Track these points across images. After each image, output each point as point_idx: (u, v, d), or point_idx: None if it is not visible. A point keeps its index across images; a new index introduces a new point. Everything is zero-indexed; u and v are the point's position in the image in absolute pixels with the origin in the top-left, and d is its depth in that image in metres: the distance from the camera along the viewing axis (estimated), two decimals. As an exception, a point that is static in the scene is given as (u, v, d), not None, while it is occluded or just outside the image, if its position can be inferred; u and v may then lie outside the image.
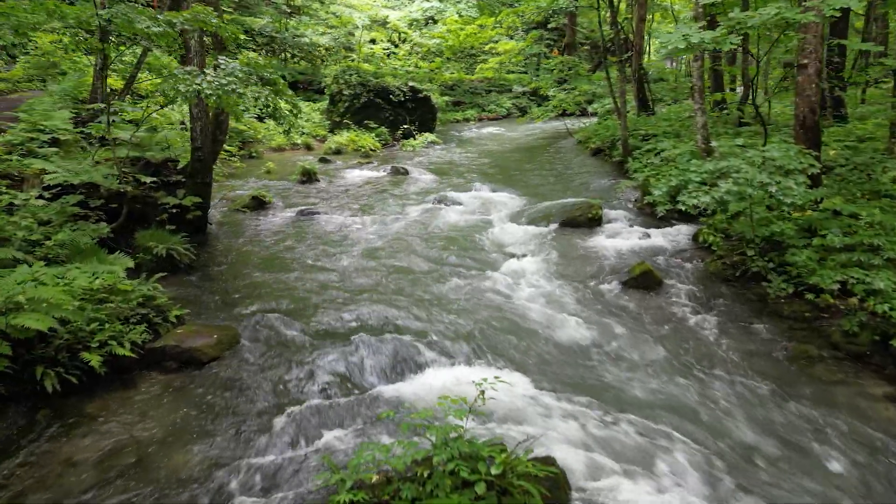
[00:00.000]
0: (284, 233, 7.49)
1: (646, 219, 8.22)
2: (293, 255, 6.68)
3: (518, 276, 6.19)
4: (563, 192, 10.08)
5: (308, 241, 7.14)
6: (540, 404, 3.78)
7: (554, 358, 4.59)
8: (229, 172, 11.17)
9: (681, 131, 11.62)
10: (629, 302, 5.67)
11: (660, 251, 6.96)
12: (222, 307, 5.31)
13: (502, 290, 5.75)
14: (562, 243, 7.28)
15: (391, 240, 7.20)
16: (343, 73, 16.22)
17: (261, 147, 14.10)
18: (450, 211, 8.66)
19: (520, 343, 4.74)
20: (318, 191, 9.96)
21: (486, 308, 5.37)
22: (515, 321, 5.12)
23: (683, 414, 3.86)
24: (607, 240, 7.42)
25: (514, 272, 6.27)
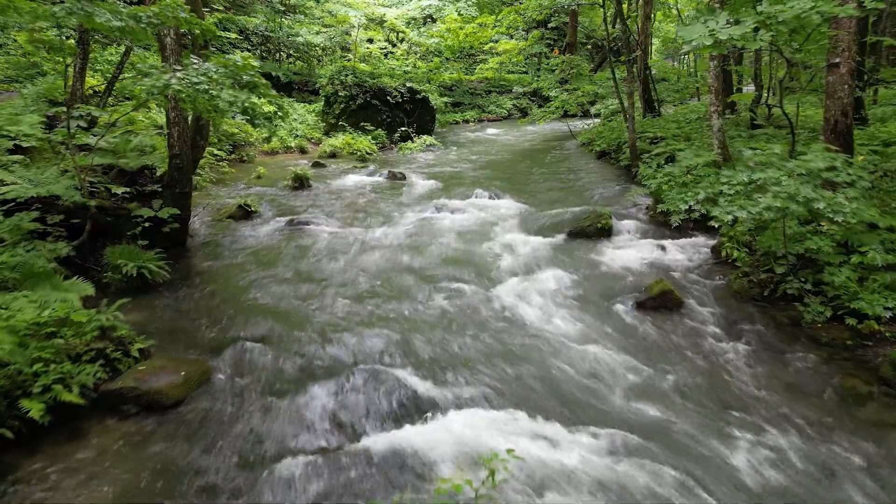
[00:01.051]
0: (271, 246, 6.94)
1: (659, 229, 7.68)
2: (279, 271, 6.13)
3: (524, 296, 5.65)
4: (568, 198, 9.55)
5: (296, 255, 6.59)
6: (556, 462, 3.23)
7: (568, 396, 4.04)
8: (217, 178, 10.62)
9: (691, 135, 11.09)
10: (647, 325, 5.13)
11: (677, 265, 6.43)
12: (196, 334, 4.76)
13: (507, 314, 5.21)
14: (570, 256, 6.74)
15: (386, 254, 6.66)
16: (338, 74, 15.68)
17: (253, 150, 13.56)
18: (449, 220, 8.12)
19: (528, 378, 4.20)
20: (310, 198, 9.42)
21: (490, 335, 4.83)
22: (523, 351, 4.58)
23: (722, 471, 3.31)
24: (619, 252, 6.89)
25: (520, 291, 5.73)
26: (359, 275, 6.00)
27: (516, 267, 6.37)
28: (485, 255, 6.67)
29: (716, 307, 5.41)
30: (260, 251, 6.72)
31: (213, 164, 10.94)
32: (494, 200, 9.44)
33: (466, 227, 7.79)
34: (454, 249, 6.81)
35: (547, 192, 10.11)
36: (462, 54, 25.35)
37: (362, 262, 6.37)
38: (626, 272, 6.25)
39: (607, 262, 6.57)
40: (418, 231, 7.54)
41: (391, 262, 6.39)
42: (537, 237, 7.43)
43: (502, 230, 7.75)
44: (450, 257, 6.52)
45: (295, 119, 16.12)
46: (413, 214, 8.39)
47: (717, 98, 7.84)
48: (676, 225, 7.39)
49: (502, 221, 8.12)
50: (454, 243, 7.05)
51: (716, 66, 7.78)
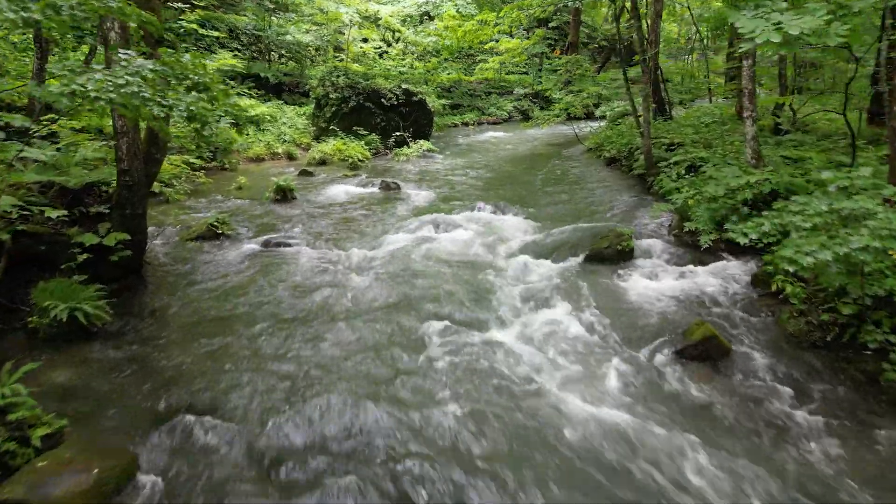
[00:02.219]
0: (243, 274, 5.99)
1: (685, 250, 6.75)
2: (247, 309, 5.18)
3: (535, 341, 4.72)
4: (579, 212, 8.62)
5: (270, 286, 5.64)
6: None
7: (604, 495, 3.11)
8: (193, 189, 9.67)
9: (711, 141, 10.16)
10: (691, 383, 4.19)
11: (713, 298, 5.49)
12: (131, 402, 3.82)
13: (517, 368, 4.26)
14: (588, 286, 5.80)
15: (372, 286, 5.71)
16: (329, 75, 14.74)
17: (236, 157, 12.61)
18: (447, 240, 7.17)
19: (546, 467, 3.26)
20: (292, 213, 8.47)
21: (497, 399, 3.89)
22: (539, 424, 3.64)
23: None
24: (644, 281, 5.95)
25: (530, 333, 4.80)
26: (339, 316, 5.05)
27: (526, 302, 5.43)
28: (489, 287, 5.73)
29: (770, 356, 4.48)
30: (227, 282, 5.77)
31: (189, 175, 9.99)
32: (498, 215, 8.51)
33: (467, 250, 6.85)
34: (452, 278, 5.86)
35: (555, 204, 9.18)
36: (461, 54, 24.43)
37: (344, 298, 5.42)
38: (655, 307, 5.31)
39: (632, 293, 5.63)
40: (411, 254, 6.60)
41: (378, 296, 5.44)
42: (548, 261, 6.49)
43: (508, 252, 6.81)
44: (447, 290, 5.57)
45: (284, 123, 15.18)
46: (406, 233, 7.45)
47: (752, 101, 6.91)
48: (706, 246, 6.51)
49: (508, 241, 7.18)
50: (453, 270, 6.10)
51: (750, 65, 6.85)
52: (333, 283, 5.76)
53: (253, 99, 16.10)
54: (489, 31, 14.39)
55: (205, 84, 3.89)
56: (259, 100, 16.53)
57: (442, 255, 6.59)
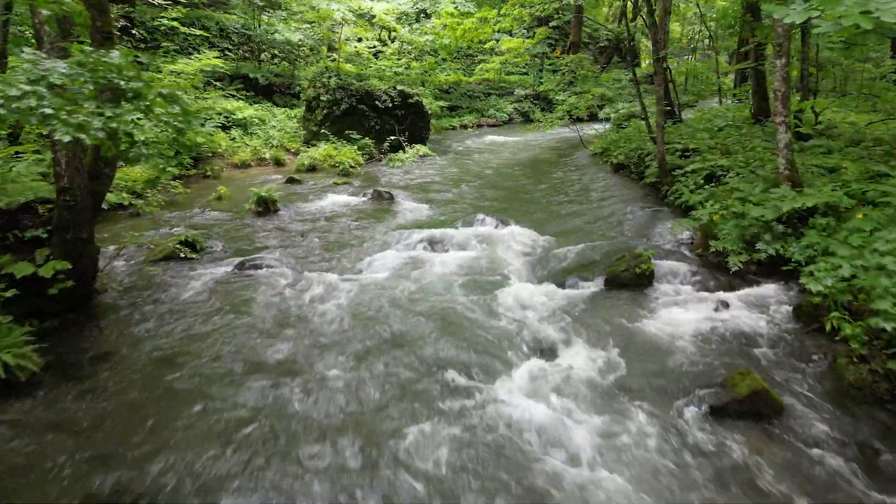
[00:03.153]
0: (209, 307, 5.22)
1: (712, 273, 5.99)
2: (209, 352, 4.41)
3: (546, 397, 3.94)
4: (589, 226, 7.86)
5: (238, 324, 4.87)
6: None
7: None
8: (168, 201, 8.91)
9: (730, 146, 9.40)
10: (738, 450, 3.43)
11: (751, 335, 4.72)
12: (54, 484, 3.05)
13: (527, 435, 3.50)
14: (604, 318, 5.04)
15: (357, 322, 4.94)
16: (320, 76, 13.98)
17: (220, 163, 11.85)
18: (443, 262, 6.41)
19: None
20: (274, 228, 7.70)
21: (504, 476, 3.13)
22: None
23: None
24: (668, 312, 5.19)
25: (540, 387, 4.02)
26: (315, 368, 4.27)
27: (535, 343, 4.66)
28: (491, 324, 4.96)
29: (831, 415, 3.71)
30: (189, 318, 4.99)
31: (165, 184, 9.22)
32: (500, 229, 7.74)
33: (466, 273, 6.09)
34: (449, 313, 5.09)
35: (562, 216, 8.42)
36: (460, 54, 23.66)
37: (322, 340, 4.64)
38: (684, 347, 4.55)
39: (655, 328, 4.87)
40: (402, 281, 5.83)
41: (361, 339, 4.65)
42: (558, 288, 5.73)
43: (513, 275, 6.05)
44: (442, 329, 4.80)
45: (273, 126, 14.42)
46: (398, 253, 6.68)
47: (785, 105, 6.15)
48: (736, 269, 5.76)
49: (512, 262, 6.42)
50: (449, 302, 5.33)
51: (783, 64, 6.09)
52: (313, 317, 4.98)
53: (241, 101, 15.35)
54: (489, 29, 13.64)
55: (136, 91, 3.12)
56: (247, 102, 15.78)
57: (437, 281, 5.82)
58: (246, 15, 17.41)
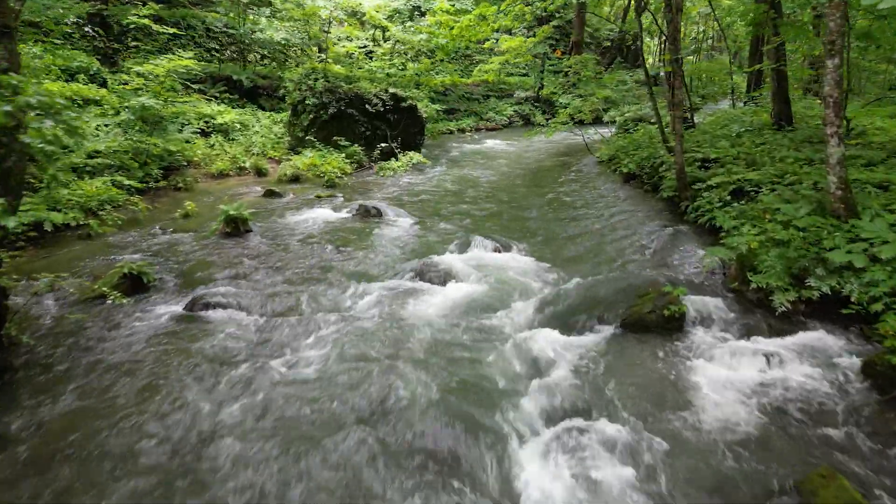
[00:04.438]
0: (145, 364, 4.24)
1: (752, 313, 5.03)
2: (134, 441, 3.43)
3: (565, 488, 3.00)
4: (601, 249, 6.90)
5: (177, 392, 3.88)
6: None
7: None
8: (127, 219, 7.93)
9: (755, 156, 8.44)
10: None
11: (816, 406, 3.75)
12: None
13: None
14: (628, 378, 4.07)
15: (329, 383, 3.97)
16: (306, 78, 13.01)
17: (195, 174, 10.88)
18: (436, 297, 5.45)
19: None
20: (241, 253, 6.73)
21: None
22: None
23: None
24: (708, 367, 4.22)
25: (552, 488, 3.06)
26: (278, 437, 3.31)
27: (547, 413, 3.68)
28: (492, 381, 3.99)
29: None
30: (119, 381, 4.00)
31: (127, 200, 8.25)
32: (501, 254, 6.78)
33: (461, 314, 5.12)
34: (442, 370, 4.12)
35: (569, 238, 7.45)
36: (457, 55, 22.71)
37: (286, 410, 3.66)
38: (736, 424, 3.57)
39: (695, 395, 3.90)
40: (386, 323, 4.86)
41: (332, 410, 3.68)
42: (572, 334, 4.76)
43: (516, 317, 5.08)
44: (438, 385, 3.83)
45: (256, 132, 13.46)
46: (382, 285, 5.71)
47: (838, 114, 5.19)
48: (783, 310, 4.81)
49: (514, 298, 5.45)
50: (442, 355, 4.36)
51: (836, 65, 5.13)
52: (270, 378, 4.01)
53: (222, 105, 14.39)
54: (487, 27, 12.68)
55: None
56: (230, 105, 14.83)
57: (427, 327, 4.85)
58: (231, 13, 16.45)
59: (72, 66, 12.38)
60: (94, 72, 12.79)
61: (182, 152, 10.82)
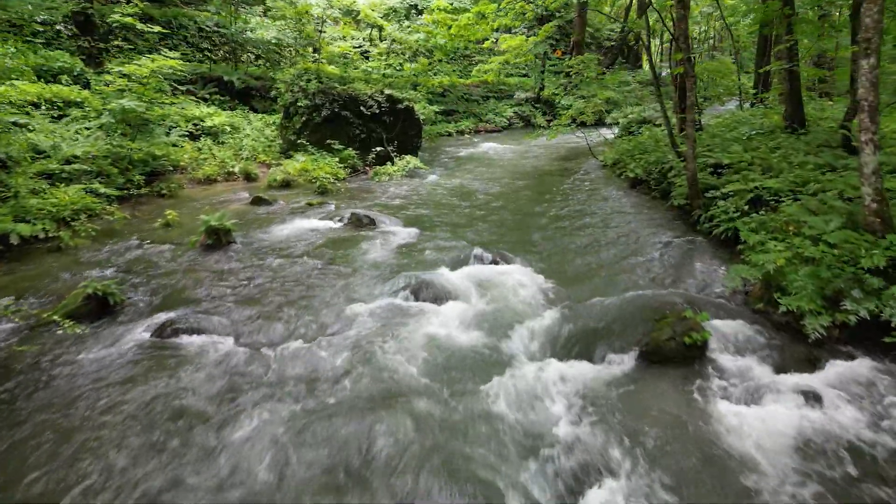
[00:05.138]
0: (104, 404, 3.74)
1: (781, 339, 4.55)
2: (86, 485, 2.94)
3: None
4: (610, 264, 6.41)
5: (127, 446, 3.38)
6: None
7: None
8: (103, 229, 7.44)
9: (771, 162, 7.95)
10: None
11: (868, 459, 3.27)
12: None
13: None
14: (650, 422, 3.58)
15: (312, 425, 3.48)
16: (298, 79, 12.51)
17: (181, 179, 10.38)
18: (432, 319, 4.95)
19: None
20: (222, 268, 6.24)
21: None
22: None
23: None
24: (739, 408, 3.74)
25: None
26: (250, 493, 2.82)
27: (555, 464, 3.20)
28: (497, 431, 3.49)
29: None
30: (72, 424, 3.51)
31: (103, 209, 7.75)
32: (501, 267, 6.29)
33: (458, 339, 4.63)
34: (438, 413, 3.63)
35: (575, 250, 6.96)
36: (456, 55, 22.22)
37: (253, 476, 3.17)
38: (780, 485, 3.09)
39: (725, 445, 3.40)
40: (375, 354, 4.37)
41: (310, 463, 3.19)
42: (584, 364, 4.28)
43: (522, 345, 4.59)
44: (428, 441, 3.34)
45: (247, 135, 12.96)
46: (373, 306, 5.22)
47: (874, 120, 4.71)
48: (816, 336, 4.33)
49: (520, 321, 4.96)
50: (438, 391, 3.87)
51: (872, 65, 4.65)
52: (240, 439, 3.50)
53: (212, 106, 13.91)
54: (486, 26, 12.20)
55: None
56: (221, 107, 14.34)
57: (420, 352, 4.37)
58: (222, 12, 15.95)
59: (54, 66, 11.89)
60: (78, 72, 12.31)
61: (167, 156, 10.33)
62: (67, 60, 12.27)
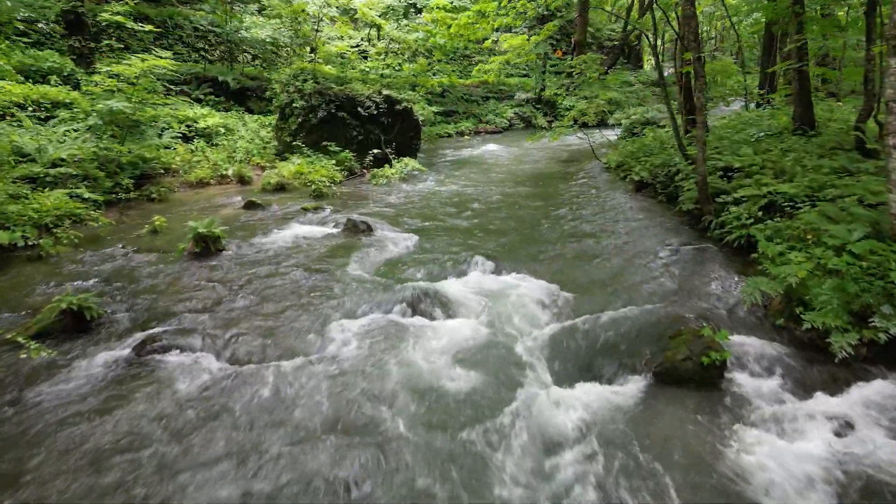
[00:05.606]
0: (74, 433, 3.43)
1: (804, 357, 4.25)
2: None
3: None
4: (617, 274, 6.09)
5: (100, 475, 3.08)
6: None
7: None
8: (87, 235, 7.13)
9: (784, 165, 7.64)
10: None
11: (908, 492, 2.97)
12: None
13: None
14: (665, 455, 3.27)
15: (294, 462, 3.17)
16: (294, 79, 12.21)
17: (172, 182, 10.08)
18: (430, 336, 4.64)
19: None
20: (211, 277, 5.93)
21: None
22: None
23: None
24: (761, 437, 3.43)
25: None
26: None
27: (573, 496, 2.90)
28: (502, 469, 3.18)
29: None
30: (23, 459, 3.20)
31: (87, 215, 7.44)
32: (503, 277, 5.98)
33: (459, 361, 4.31)
34: (437, 445, 3.32)
35: (581, 258, 6.65)
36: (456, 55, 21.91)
37: None
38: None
39: (751, 482, 3.09)
40: (370, 373, 4.06)
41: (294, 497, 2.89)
42: (594, 386, 3.97)
43: (525, 362, 4.28)
44: (425, 480, 3.03)
45: (241, 136, 12.65)
46: (368, 321, 4.91)
47: (905, 122, 4.41)
48: (844, 356, 4.02)
49: (524, 338, 4.65)
50: (437, 420, 3.56)
51: (902, 64, 4.35)
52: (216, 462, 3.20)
53: (207, 107, 13.60)
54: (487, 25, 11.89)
55: None
56: (216, 108, 14.03)
57: (417, 375, 4.06)
58: (217, 10, 15.64)
59: (43, 66, 11.59)
60: (69, 72, 12.01)
61: (158, 159, 10.02)
62: (57, 60, 11.98)
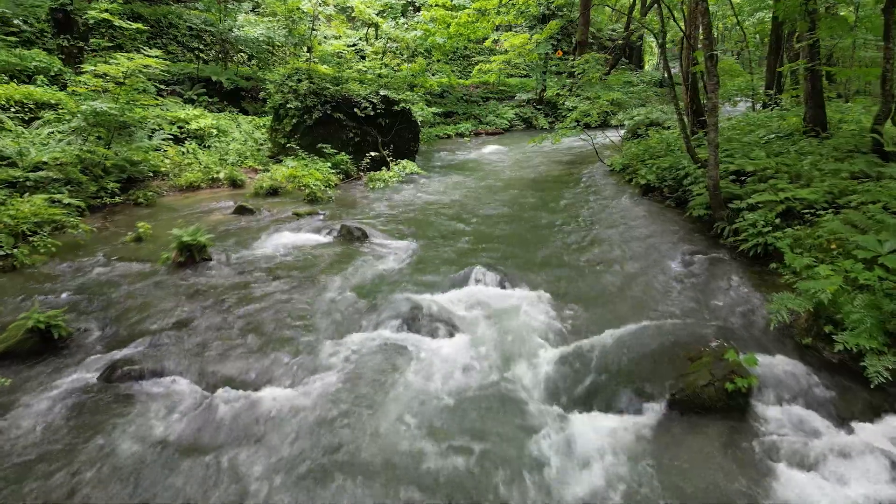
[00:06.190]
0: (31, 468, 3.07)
1: (836, 381, 3.88)
2: None
3: None
4: (627, 287, 5.72)
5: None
6: None
7: None
8: (66, 244, 6.76)
9: (800, 170, 7.28)
10: None
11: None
12: None
13: None
14: (689, 493, 2.91)
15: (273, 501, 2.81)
16: (288, 79, 11.84)
17: (161, 186, 9.71)
18: (430, 359, 4.27)
19: None
20: (194, 291, 5.56)
21: None
22: None
23: None
24: (796, 477, 3.07)
25: None
26: None
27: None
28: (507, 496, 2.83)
29: None
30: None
31: (68, 221, 7.07)
32: (506, 291, 5.62)
33: (458, 381, 3.95)
34: (435, 487, 2.95)
35: (588, 267, 6.29)
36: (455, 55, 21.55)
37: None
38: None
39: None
40: (362, 400, 3.69)
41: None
42: (605, 416, 3.61)
43: (530, 385, 3.91)
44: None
45: (235, 138, 12.28)
46: (361, 339, 4.54)
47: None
48: (880, 382, 3.66)
49: (526, 357, 4.29)
50: (434, 459, 3.19)
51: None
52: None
53: (199, 108, 13.24)
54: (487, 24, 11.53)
55: None
56: (209, 109, 13.67)
57: (413, 400, 3.70)
58: (211, 9, 15.28)
59: (29, 66, 11.24)
60: (56, 72, 11.65)
61: (147, 162, 9.65)
62: (44, 59, 11.62)
